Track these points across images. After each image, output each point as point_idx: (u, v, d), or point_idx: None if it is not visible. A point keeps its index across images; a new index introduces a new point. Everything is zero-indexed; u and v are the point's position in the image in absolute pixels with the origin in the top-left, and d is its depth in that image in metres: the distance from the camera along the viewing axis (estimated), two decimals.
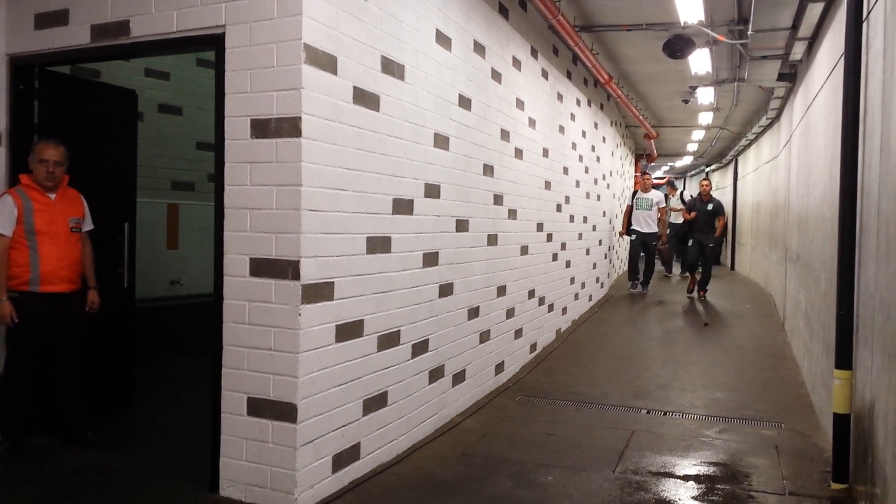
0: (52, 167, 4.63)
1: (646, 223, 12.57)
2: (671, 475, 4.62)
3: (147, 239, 6.99)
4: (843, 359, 4.25)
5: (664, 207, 13.06)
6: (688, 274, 13.47)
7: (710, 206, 12.45)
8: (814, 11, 5.97)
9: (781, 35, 7.52)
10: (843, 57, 4.40)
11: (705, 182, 12.89)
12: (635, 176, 19.09)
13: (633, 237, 12.65)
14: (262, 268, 3.93)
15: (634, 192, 12.90)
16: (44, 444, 4.89)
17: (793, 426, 5.64)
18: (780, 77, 9.00)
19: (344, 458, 4.26)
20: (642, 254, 12.88)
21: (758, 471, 4.73)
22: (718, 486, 4.45)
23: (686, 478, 4.58)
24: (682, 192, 17.63)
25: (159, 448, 4.91)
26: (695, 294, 12.49)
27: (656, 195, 12.79)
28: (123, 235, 5.52)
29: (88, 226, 4.96)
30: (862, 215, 4.16)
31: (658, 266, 15.08)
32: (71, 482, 4.32)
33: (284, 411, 3.87)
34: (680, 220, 15.18)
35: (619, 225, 13.59)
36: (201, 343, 4.72)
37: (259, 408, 3.94)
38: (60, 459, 4.68)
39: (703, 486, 4.44)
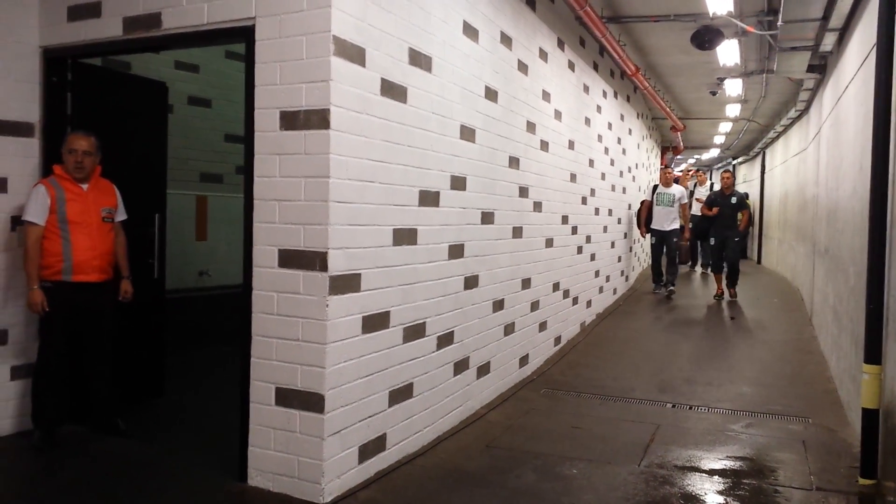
0: (80, 157, 4.69)
1: (666, 220, 11.67)
2: (697, 469, 4.61)
3: (176, 230, 7.06)
4: (873, 353, 4.21)
5: (686, 203, 12.08)
6: (708, 271, 12.80)
7: (733, 200, 11.59)
8: (845, 2, 5.89)
9: (811, 26, 7.42)
10: (874, 48, 4.34)
11: (727, 174, 12.02)
12: (661, 169, 18.97)
13: (653, 239, 11.88)
14: (291, 259, 3.96)
15: (655, 188, 11.96)
16: (76, 432, 4.97)
17: (820, 421, 5.59)
18: (810, 69, 8.88)
19: (370, 449, 4.29)
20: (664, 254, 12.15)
21: (784, 466, 4.70)
22: (744, 480, 4.42)
23: (712, 472, 4.57)
24: (713, 184, 17.07)
25: (188, 437, 4.98)
26: (725, 295, 11.51)
27: (678, 190, 11.83)
28: (154, 227, 5.58)
29: (122, 216, 5.02)
30: (893, 208, 4.11)
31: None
32: (101, 470, 4.40)
33: (312, 401, 3.91)
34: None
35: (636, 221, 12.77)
36: (230, 334, 4.76)
37: (287, 398, 3.98)
38: (92, 448, 4.76)
39: (729, 480, 4.43)
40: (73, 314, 4.75)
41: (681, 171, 16.88)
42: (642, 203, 12.21)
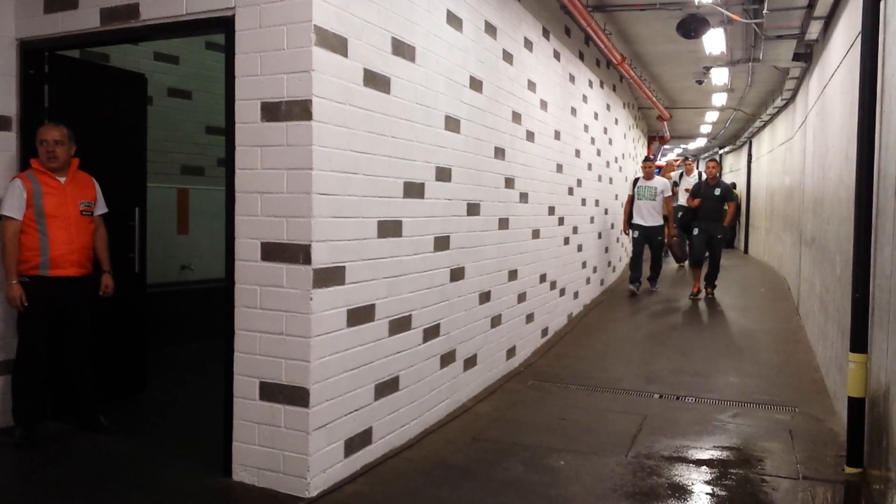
0: (52, 147, 4.60)
1: (649, 215, 10.92)
2: (684, 459, 4.60)
3: (157, 224, 6.97)
4: (859, 342, 4.21)
5: (670, 197, 11.30)
6: (688, 267, 11.97)
7: (717, 191, 10.78)
8: None
9: (797, 14, 7.43)
10: (860, 36, 4.33)
11: (712, 163, 11.32)
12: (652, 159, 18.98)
13: (636, 233, 11.03)
14: (274, 252, 3.92)
15: (636, 181, 11.19)
16: (58, 429, 4.92)
17: (807, 410, 5.60)
18: (796, 57, 8.90)
19: (356, 443, 4.26)
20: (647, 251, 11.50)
21: (771, 455, 4.71)
22: (732, 470, 4.42)
23: (699, 462, 4.56)
24: (701, 173, 16.28)
25: (172, 433, 4.93)
26: (701, 295, 10.69)
27: (661, 183, 11.07)
28: (134, 220, 5.51)
29: (101, 209, 4.95)
30: (878, 197, 4.11)
31: (670, 263, 14.16)
32: (85, 467, 4.35)
33: (297, 396, 3.87)
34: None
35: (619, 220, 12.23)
36: (213, 328, 4.72)
37: (271, 392, 3.94)
38: (74, 445, 4.70)
39: (716, 470, 4.42)
40: (51, 309, 4.68)
41: (665, 161, 16.34)
42: (628, 198, 11.47)
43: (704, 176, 12.40)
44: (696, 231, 10.89)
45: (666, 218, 11.37)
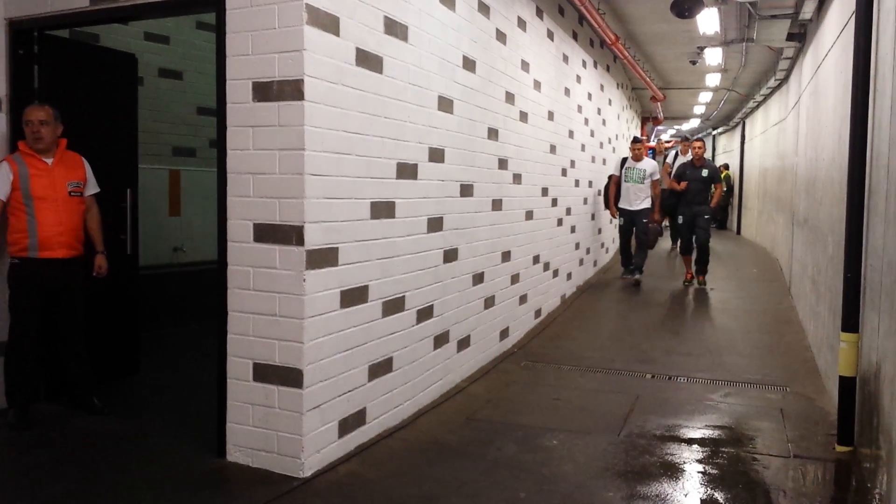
0: (37, 127, 4.56)
1: (636, 198, 10.30)
2: (676, 438, 4.63)
3: (149, 206, 6.95)
4: (850, 322, 4.24)
5: (658, 180, 10.58)
6: (678, 252, 11.33)
7: (704, 172, 10.36)
8: None
9: None
10: (853, 16, 4.31)
11: (698, 143, 10.72)
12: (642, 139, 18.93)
13: (622, 220, 10.52)
14: (266, 233, 3.90)
15: (623, 161, 10.60)
16: (51, 410, 4.92)
17: (798, 390, 5.64)
18: (790, 37, 8.87)
19: (350, 423, 4.27)
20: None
21: (763, 434, 4.74)
22: (723, 448, 4.46)
23: (691, 441, 4.59)
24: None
25: (166, 414, 4.94)
26: (693, 282, 10.38)
27: (650, 165, 10.46)
28: (126, 202, 5.48)
29: (92, 189, 4.91)
30: (871, 177, 4.11)
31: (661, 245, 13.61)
32: (78, 448, 4.35)
33: (290, 377, 3.88)
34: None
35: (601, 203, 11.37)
36: (206, 310, 4.71)
37: (265, 373, 3.94)
38: (68, 426, 4.71)
39: (708, 449, 4.46)
40: (42, 291, 4.67)
41: (656, 142, 15.67)
42: (610, 178, 10.80)
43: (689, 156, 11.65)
44: (680, 219, 10.50)
45: (654, 200, 10.67)
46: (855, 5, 4.25)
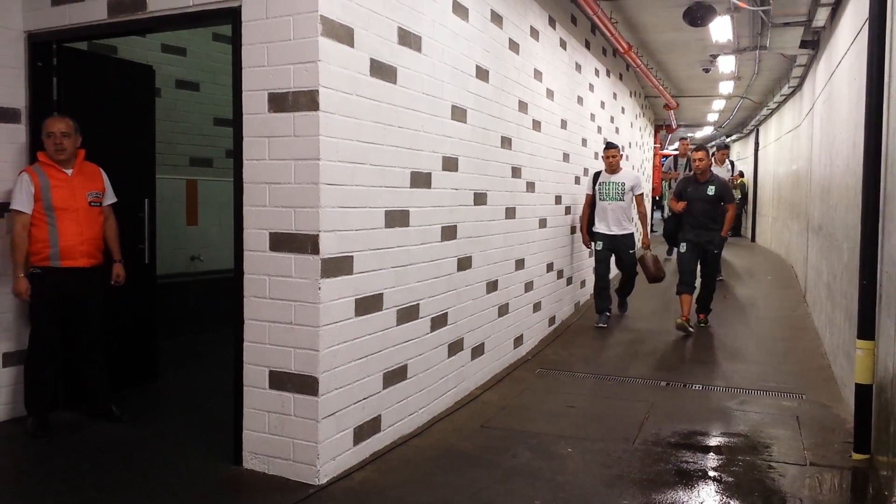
0: (59, 139, 4.63)
1: (615, 221, 8.09)
2: (691, 446, 4.62)
3: (166, 215, 7.03)
4: (866, 329, 4.22)
5: (642, 194, 8.36)
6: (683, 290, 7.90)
7: (710, 190, 7.73)
8: None
9: (804, 1, 7.39)
10: (867, 22, 4.31)
11: (699, 154, 7.80)
12: (655, 147, 18.89)
13: (598, 245, 8.21)
14: (282, 242, 3.94)
15: (596, 176, 8.29)
16: (70, 418, 4.97)
17: (814, 397, 5.61)
18: (803, 44, 8.84)
19: (365, 431, 4.30)
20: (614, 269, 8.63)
21: (778, 441, 4.72)
22: (739, 457, 4.44)
23: (706, 449, 4.58)
24: (734, 163, 12.23)
25: (183, 422, 4.98)
26: (692, 322, 7.84)
27: (630, 177, 8.24)
28: (144, 212, 5.55)
29: (111, 199, 4.97)
30: (886, 183, 4.10)
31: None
32: (96, 455, 4.39)
33: (306, 384, 3.91)
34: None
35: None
36: (222, 318, 4.76)
37: (281, 381, 3.98)
38: (87, 434, 4.75)
39: (724, 456, 4.44)
40: (61, 300, 4.72)
41: (679, 144, 14.08)
42: (586, 199, 8.50)
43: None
44: (682, 246, 7.90)
45: (642, 220, 8.68)
46: (868, 12, 4.25)
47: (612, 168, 8.15)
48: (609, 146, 8.22)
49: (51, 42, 4.88)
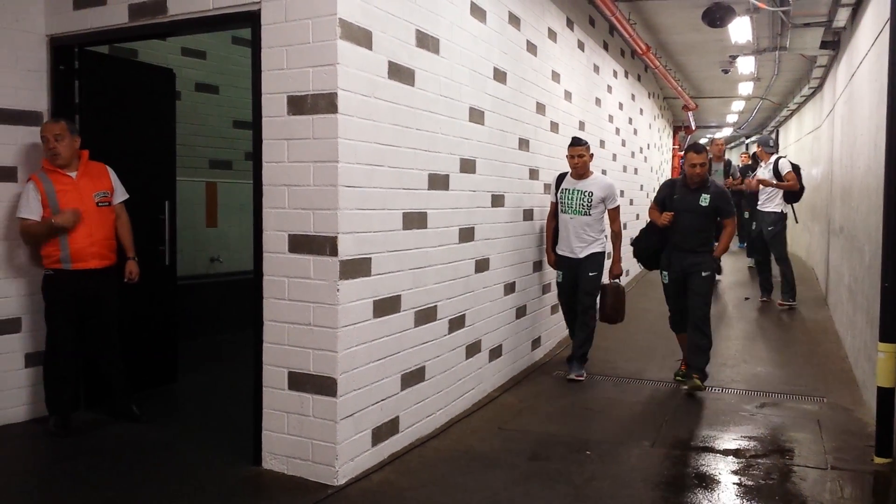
0: (52, 143, 4.59)
1: (577, 239, 6.24)
2: (711, 449, 4.60)
3: (186, 217, 7.09)
4: (888, 331, 4.18)
5: (617, 207, 6.42)
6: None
7: (703, 200, 5.80)
8: None
9: (824, 1, 7.34)
10: (888, 22, 4.27)
11: (695, 156, 5.79)
12: (673, 149, 18.77)
13: (559, 277, 6.44)
14: (301, 244, 3.96)
15: (559, 180, 6.43)
16: (91, 418, 5.02)
17: (835, 400, 5.56)
18: (823, 45, 8.78)
19: (383, 432, 4.31)
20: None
21: (799, 445, 4.68)
22: (759, 460, 4.41)
23: (726, 452, 4.55)
24: (779, 159, 9.53)
25: (203, 422, 5.01)
26: (688, 382, 5.77)
27: (601, 186, 6.26)
28: (164, 214, 5.59)
29: (121, 197, 4.95)
30: None
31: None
32: (117, 455, 4.43)
33: (325, 385, 3.92)
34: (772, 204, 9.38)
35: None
36: (242, 319, 4.78)
37: (300, 382, 4.00)
38: (107, 433, 4.79)
39: (744, 460, 4.41)
40: (75, 300, 4.73)
41: (709, 144, 12.40)
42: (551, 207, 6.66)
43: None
44: (665, 276, 6.07)
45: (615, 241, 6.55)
46: (890, 12, 4.21)
47: (579, 172, 6.23)
48: (575, 142, 6.26)
49: (72, 46, 4.94)
